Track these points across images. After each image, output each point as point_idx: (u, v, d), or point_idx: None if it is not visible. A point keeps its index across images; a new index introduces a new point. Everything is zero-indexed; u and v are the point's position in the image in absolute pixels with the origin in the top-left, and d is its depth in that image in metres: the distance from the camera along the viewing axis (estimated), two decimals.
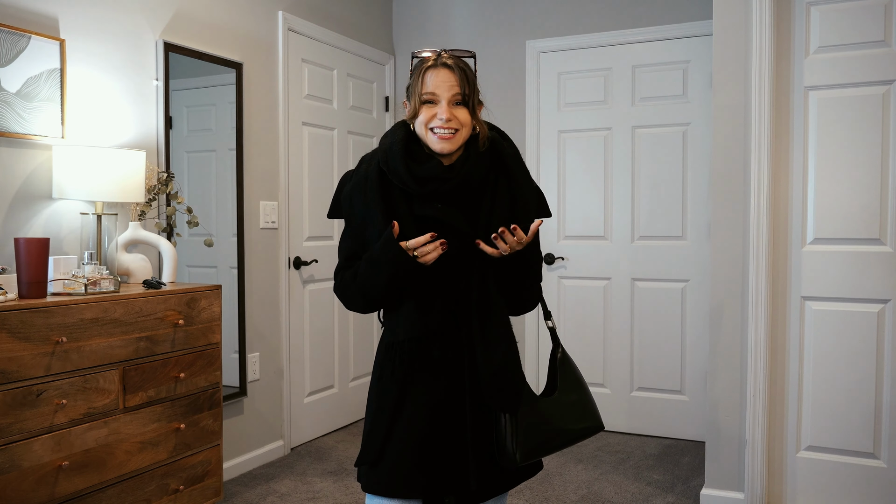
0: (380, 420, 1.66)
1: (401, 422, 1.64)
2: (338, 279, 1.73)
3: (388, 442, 1.65)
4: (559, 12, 4.18)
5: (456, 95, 1.62)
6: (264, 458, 3.60)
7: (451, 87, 1.61)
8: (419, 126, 1.65)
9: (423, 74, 1.63)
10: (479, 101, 1.69)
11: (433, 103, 1.62)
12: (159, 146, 3.01)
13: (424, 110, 1.63)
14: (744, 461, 2.96)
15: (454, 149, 1.63)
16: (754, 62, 2.88)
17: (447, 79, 1.62)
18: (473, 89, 1.65)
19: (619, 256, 4.10)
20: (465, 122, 1.63)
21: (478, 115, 1.68)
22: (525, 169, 1.73)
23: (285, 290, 3.72)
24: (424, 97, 1.63)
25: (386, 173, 1.65)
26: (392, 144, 1.65)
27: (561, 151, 4.21)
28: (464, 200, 1.65)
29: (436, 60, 1.64)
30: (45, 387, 2.16)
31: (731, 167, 2.96)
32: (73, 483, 2.25)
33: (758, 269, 2.90)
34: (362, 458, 1.69)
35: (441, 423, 1.64)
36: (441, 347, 1.64)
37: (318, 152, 4.00)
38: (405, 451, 1.63)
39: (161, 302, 2.53)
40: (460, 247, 1.62)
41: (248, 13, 3.47)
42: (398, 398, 1.65)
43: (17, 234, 2.49)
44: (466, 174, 1.63)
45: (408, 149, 1.65)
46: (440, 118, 1.61)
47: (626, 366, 4.11)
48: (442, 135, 1.61)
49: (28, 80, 2.48)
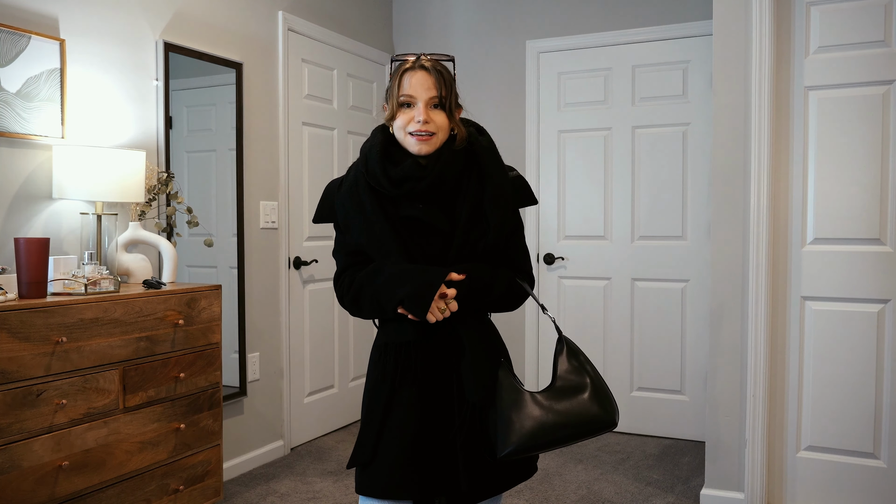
0: (371, 421, 1.68)
1: (391, 423, 1.66)
2: (339, 283, 1.74)
3: (379, 443, 1.66)
4: (559, 12, 4.18)
5: (433, 98, 1.62)
6: (264, 458, 3.60)
7: (428, 90, 1.62)
8: (397, 129, 1.65)
9: (401, 77, 1.64)
10: (457, 104, 1.69)
11: (410, 106, 1.63)
12: (159, 146, 3.01)
13: (402, 113, 1.64)
14: (744, 461, 2.95)
15: (431, 150, 1.64)
16: (754, 62, 2.88)
17: (424, 81, 1.62)
18: (451, 92, 1.65)
19: (619, 256, 4.10)
20: (441, 126, 1.63)
21: (455, 118, 1.68)
22: (498, 159, 1.71)
23: (285, 290, 3.72)
24: (402, 99, 1.63)
25: (367, 179, 1.67)
26: (371, 148, 1.68)
27: (561, 151, 4.21)
28: (442, 199, 1.66)
29: (413, 63, 1.64)
30: (45, 387, 2.16)
31: (731, 167, 2.96)
32: (73, 483, 2.25)
33: (758, 268, 2.90)
34: (354, 460, 1.70)
35: (431, 424, 1.65)
36: (430, 349, 1.66)
37: (318, 152, 3.99)
38: (396, 453, 1.64)
39: (161, 302, 2.53)
40: (443, 247, 1.64)
41: (248, 13, 3.47)
42: (388, 399, 1.66)
43: (18, 234, 2.49)
44: (440, 172, 1.63)
45: (386, 151, 1.66)
46: (417, 120, 1.61)
47: (626, 366, 4.11)
48: (419, 136, 1.62)
49: (28, 80, 2.48)
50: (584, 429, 1.58)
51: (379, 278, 1.63)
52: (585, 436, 1.59)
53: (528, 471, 1.77)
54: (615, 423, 1.61)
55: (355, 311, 1.72)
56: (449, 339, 1.66)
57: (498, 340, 1.75)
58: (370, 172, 1.66)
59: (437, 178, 1.63)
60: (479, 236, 1.64)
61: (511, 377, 1.66)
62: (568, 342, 1.69)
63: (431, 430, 1.65)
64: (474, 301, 1.64)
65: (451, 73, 1.68)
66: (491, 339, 1.71)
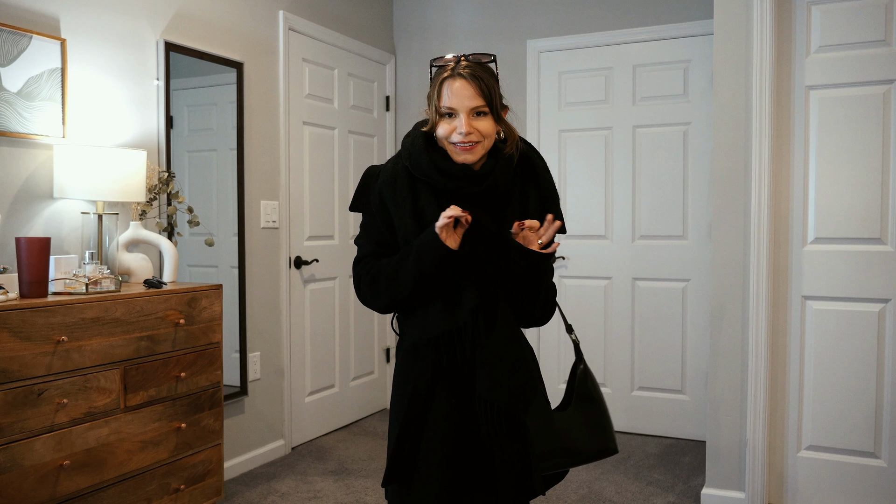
0: (406, 435, 1.61)
1: (429, 436, 1.60)
2: (357, 270, 1.69)
3: (417, 459, 1.60)
4: (560, 12, 4.18)
5: (475, 108, 1.56)
6: (265, 457, 3.60)
7: (470, 99, 1.55)
8: (440, 137, 1.61)
9: (440, 86, 1.58)
10: (502, 105, 1.62)
11: (452, 116, 1.57)
12: (160, 146, 3.01)
13: (443, 123, 1.58)
14: (744, 460, 2.95)
15: (475, 160, 1.59)
16: (755, 61, 2.88)
17: (464, 90, 1.55)
18: (495, 96, 1.58)
19: (619, 256, 4.10)
20: (486, 133, 1.57)
21: (504, 120, 1.63)
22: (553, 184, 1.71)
23: (286, 289, 3.73)
24: (443, 110, 1.57)
25: (412, 171, 1.62)
26: (414, 140, 1.63)
27: (562, 151, 4.21)
28: (489, 205, 1.62)
29: (453, 70, 1.57)
30: (46, 386, 2.16)
31: (732, 166, 2.95)
32: (75, 482, 2.25)
33: (759, 268, 2.90)
34: (391, 477, 1.63)
35: (468, 435, 1.60)
36: (464, 348, 1.58)
37: (319, 152, 4.00)
38: (434, 469, 1.59)
39: (162, 301, 2.53)
40: (489, 248, 1.60)
41: (248, 13, 3.48)
42: (424, 408, 1.60)
43: (19, 234, 2.49)
44: (494, 182, 1.60)
45: (431, 143, 1.62)
46: (459, 132, 1.56)
47: (626, 365, 4.11)
48: (463, 147, 1.57)
49: (29, 80, 2.48)
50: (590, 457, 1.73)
51: (394, 258, 1.62)
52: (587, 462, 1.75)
53: (555, 477, 1.77)
54: (617, 450, 1.78)
55: (372, 294, 1.65)
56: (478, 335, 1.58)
57: (531, 354, 1.69)
58: (415, 164, 1.60)
59: (490, 187, 1.60)
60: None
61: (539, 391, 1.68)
62: (587, 368, 1.79)
63: (469, 441, 1.60)
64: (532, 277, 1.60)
65: (494, 73, 1.61)
66: (522, 344, 1.66)
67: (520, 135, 1.69)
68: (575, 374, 1.78)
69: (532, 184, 1.66)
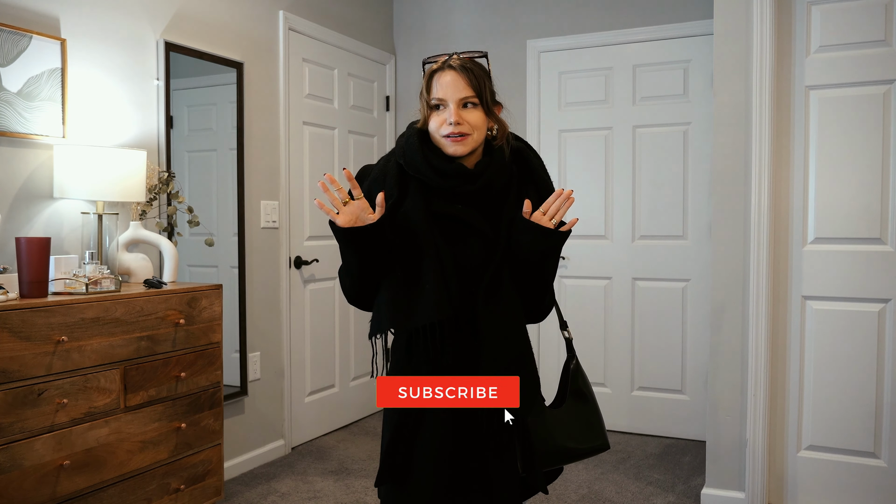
0: (400, 437, 1.59)
1: (424, 435, 1.58)
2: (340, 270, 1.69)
3: (411, 459, 1.59)
4: (560, 12, 4.18)
5: (464, 98, 1.56)
6: (265, 457, 3.60)
7: (459, 90, 1.56)
8: (432, 132, 1.61)
9: (430, 80, 1.59)
10: (495, 101, 1.63)
11: (442, 108, 1.58)
12: (160, 146, 3.01)
13: (434, 116, 1.59)
14: (744, 461, 2.96)
15: (467, 151, 1.58)
16: (755, 61, 2.88)
17: (454, 81, 1.56)
18: (485, 88, 1.59)
19: (619, 256, 4.10)
20: (476, 125, 1.57)
21: (496, 115, 1.63)
22: (551, 183, 1.70)
23: (286, 289, 3.73)
24: (432, 102, 1.58)
25: (404, 168, 1.61)
26: (409, 138, 1.63)
27: (562, 151, 4.21)
28: (483, 204, 1.61)
29: (443, 64, 1.59)
30: (46, 386, 2.16)
31: (732, 166, 2.96)
32: (75, 482, 2.25)
33: (759, 268, 2.90)
34: (384, 477, 1.61)
35: (465, 433, 1.59)
36: (457, 344, 1.56)
37: (319, 152, 4.00)
38: (430, 470, 1.57)
39: (162, 301, 2.53)
40: (483, 249, 1.59)
41: (248, 13, 3.48)
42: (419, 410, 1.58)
43: (19, 234, 2.49)
44: (488, 181, 1.59)
45: (424, 141, 1.62)
46: (449, 122, 1.56)
47: (626, 365, 4.11)
48: (453, 138, 1.56)
49: (29, 80, 2.48)
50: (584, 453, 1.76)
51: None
52: (581, 459, 1.78)
53: (553, 474, 1.77)
54: (609, 446, 1.81)
55: (343, 285, 1.64)
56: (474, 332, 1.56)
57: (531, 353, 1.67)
58: (409, 161, 1.60)
59: (485, 186, 1.59)
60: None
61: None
62: (579, 365, 1.79)
63: (466, 439, 1.59)
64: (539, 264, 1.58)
65: (485, 68, 1.62)
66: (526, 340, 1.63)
67: (519, 135, 1.69)
68: (568, 371, 1.79)
69: (530, 183, 1.66)
